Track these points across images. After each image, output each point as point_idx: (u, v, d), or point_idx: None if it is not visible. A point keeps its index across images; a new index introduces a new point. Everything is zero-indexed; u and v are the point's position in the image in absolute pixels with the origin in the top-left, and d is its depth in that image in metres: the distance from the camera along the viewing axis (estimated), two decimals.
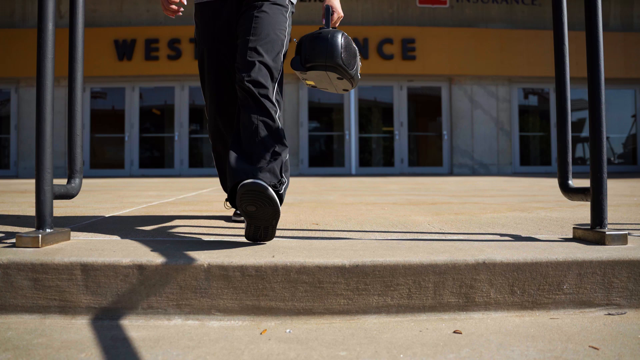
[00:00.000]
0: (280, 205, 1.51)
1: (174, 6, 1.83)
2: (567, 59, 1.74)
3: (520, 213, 2.51)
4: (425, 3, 11.76)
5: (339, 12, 1.96)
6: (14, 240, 1.45)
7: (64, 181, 1.59)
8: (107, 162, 11.66)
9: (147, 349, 1.06)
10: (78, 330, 1.17)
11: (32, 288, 1.25)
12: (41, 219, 1.47)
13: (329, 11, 1.85)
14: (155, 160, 11.77)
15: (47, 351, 1.04)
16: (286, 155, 1.69)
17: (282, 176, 1.64)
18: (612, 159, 12.42)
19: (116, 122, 11.64)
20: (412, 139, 11.98)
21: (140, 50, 10.93)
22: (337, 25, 1.96)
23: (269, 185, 1.48)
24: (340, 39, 1.70)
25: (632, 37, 11.81)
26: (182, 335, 1.14)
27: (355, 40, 11.18)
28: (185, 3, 1.84)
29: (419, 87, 11.97)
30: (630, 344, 1.08)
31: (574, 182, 1.71)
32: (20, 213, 2.52)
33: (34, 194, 1.47)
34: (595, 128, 1.53)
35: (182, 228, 1.93)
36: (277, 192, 1.56)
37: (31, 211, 2.60)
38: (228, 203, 1.88)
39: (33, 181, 7.16)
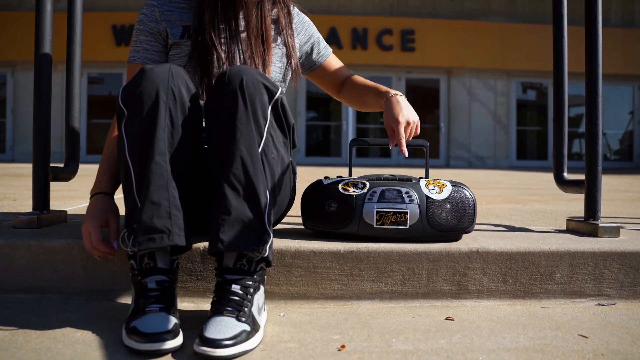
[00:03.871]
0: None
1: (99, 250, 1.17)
2: (566, 52, 1.75)
3: (515, 205, 2.53)
4: None
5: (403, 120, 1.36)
6: (10, 222, 1.45)
7: (60, 166, 1.59)
8: (103, 148, 11.61)
9: None
10: (74, 310, 1.18)
11: (29, 268, 1.26)
12: (38, 200, 1.47)
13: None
14: None
15: (44, 330, 1.05)
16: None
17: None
18: (608, 155, 12.45)
19: (113, 108, 11.40)
20: None
21: None
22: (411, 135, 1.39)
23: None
24: None
25: (632, 34, 11.79)
26: None
27: (355, 30, 11.14)
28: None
29: (418, 79, 11.95)
30: (618, 333, 1.10)
31: (569, 177, 1.72)
32: (17, 196, 2.52)
33: (30, 178, 1.47)
34: (592, 120, 1.54)
35: None
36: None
37: (28, 195, 2.60)
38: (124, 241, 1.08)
39: (29, 165, 7.11)
